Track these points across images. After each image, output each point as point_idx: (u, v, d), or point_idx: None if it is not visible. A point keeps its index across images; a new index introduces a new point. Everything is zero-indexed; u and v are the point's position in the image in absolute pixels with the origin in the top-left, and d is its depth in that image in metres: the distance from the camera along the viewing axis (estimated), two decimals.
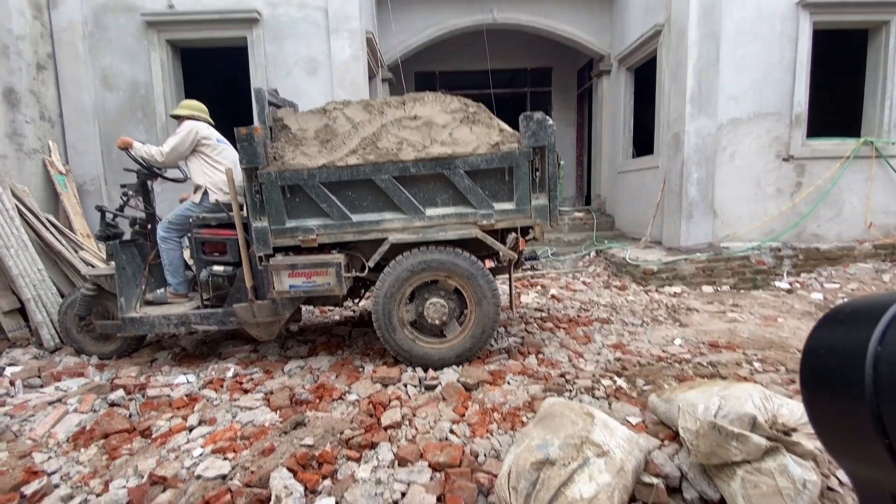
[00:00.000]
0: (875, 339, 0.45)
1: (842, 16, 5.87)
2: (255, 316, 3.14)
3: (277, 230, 2.96)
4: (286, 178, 2.88)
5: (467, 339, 3.03)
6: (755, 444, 1.52)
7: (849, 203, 6.09)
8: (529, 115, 2.89)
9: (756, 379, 2.71)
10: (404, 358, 3.05)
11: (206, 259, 3.30)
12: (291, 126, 3.05)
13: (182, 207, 3.44)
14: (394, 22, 7.57)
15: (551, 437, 1.67)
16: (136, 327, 3.30)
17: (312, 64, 6.03)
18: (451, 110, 3.04)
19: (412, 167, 2.89)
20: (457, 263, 2.95)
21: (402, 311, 3.03)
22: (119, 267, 3.30)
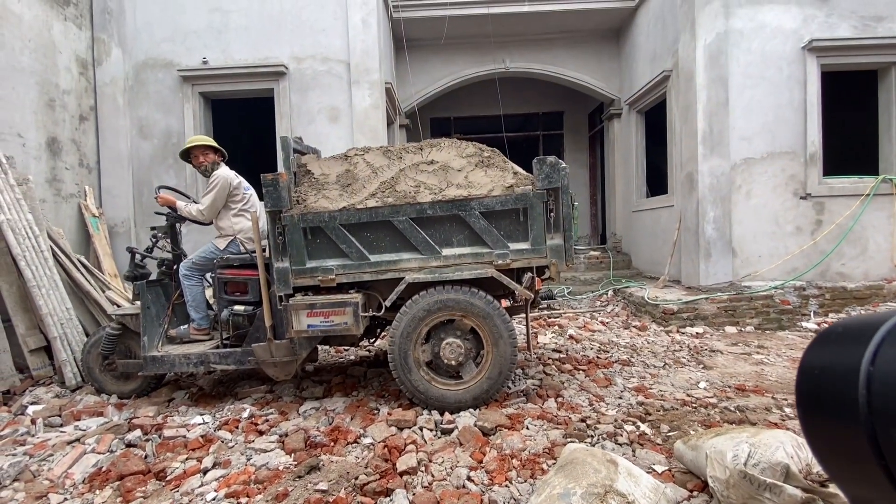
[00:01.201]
0: (867, 358, 0.44)
1: (849, 58, 5.99)
2: (272, 355, 3.18)
3: (298, 270, 3.03)
4: (308, 220, 2.98)
5: (484, 381, 2.99)
6: (790, 495, 1.45)
7: (873, 241, 5.96)
8: (543, 159, 2.98)
9: (787, 425, 2.58)
10: (420, 400, 3.02)
11: (228, 298, 3.39)
12: (314, 171, 3.21)
13: (206, 250, 3.55)
14: (411, 72, 7.99)
15: (573, 486, 1.61)
16: (157, 366, 3.35)
17: (334, 112, 6.34)
18: (467, 155, 3.17)
19: (429, 209, 2.98)
20: (473, 303, 2.96)
21: (419, 351, 3.02)
22: (144, 306, 3.40)
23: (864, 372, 0.44)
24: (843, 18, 5.90)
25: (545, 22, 8.12)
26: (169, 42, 6.36)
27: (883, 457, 0.42)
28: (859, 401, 0.44)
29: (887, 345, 0.44)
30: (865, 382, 0.44)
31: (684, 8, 6.18)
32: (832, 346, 0.53)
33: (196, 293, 3.53)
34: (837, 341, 0.52)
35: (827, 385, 0.50)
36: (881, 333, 0.45)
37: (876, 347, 0.45)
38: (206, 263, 3.51)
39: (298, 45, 6.34)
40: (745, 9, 5.93)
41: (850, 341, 0.48)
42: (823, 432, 0.51)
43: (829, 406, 0.50)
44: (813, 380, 0.53)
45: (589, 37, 8.67)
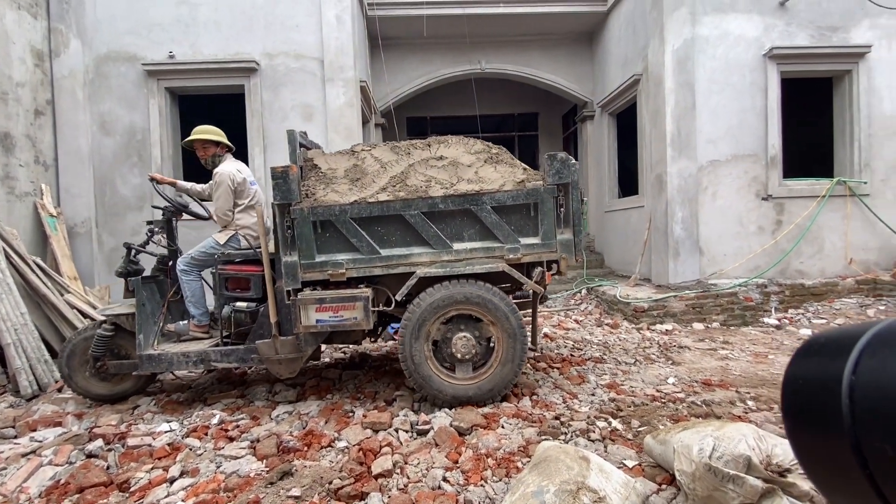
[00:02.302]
0: (849, 368, 0.45)
1: (807, 66, 6.29)
2: (277, 352, 3.12)
3: (307, 264, 3.01)
4: (318, 214, 2.97)
5: (495, 376, 3.00)
6: (751, 486, 1.51)
7: (829, 240, 6.27)
8: (553, 155, 3.05)
9: (750, 418, 2.69)
10: (429, 394, 2.99)
11: (229, 295, 3.29)
12: (321, 166, 3.19)
13: (206, 245, 3.44)
14: (387, 71, 7.92)
15: (547, 484, 1.63)
16: (153, 365, 3.23)
17: (308, 110, 6.23)
18: (475, 151, 3.20)
19: (441, 203, 3.00)
20: (486, 297, 2.97)
21: (429, 346, 3.02)
22: (140, 303, 3.27)
23: (847, 382, 0.45)
24: (802, 28, 6.18)
25: (520, 24, 8.20)
26: (132, 35, 6.12)
27: (867, 466, 0.42)
28: (843, 411, 0.44)
29: (867, 355, 0.45)
30: (848, 392, 0.44)
31: (653, 14, 6.35)
32: (815, 357, 0.54)
33: (195, 289, 3.43)
34: (819, 352, 0.53)
35: (811, 396, 0.51)
36: (861, 344, 0.46)
37: (857, 358, 0.46)
38: (206, 259, 3.42)
39: (270, 41, 6.20)
40: (710, 16, 6.15)
41: (832, 352, 0.50)
42: (809, 442, 0.52)
43: (813, 417, 0.50)
44: (797, 391, 0.54)
45: (563, 40, 8.81)
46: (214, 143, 3.52)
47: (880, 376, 0.44)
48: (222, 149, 3.57)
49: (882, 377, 0.44)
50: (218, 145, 3.54)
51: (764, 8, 6.16)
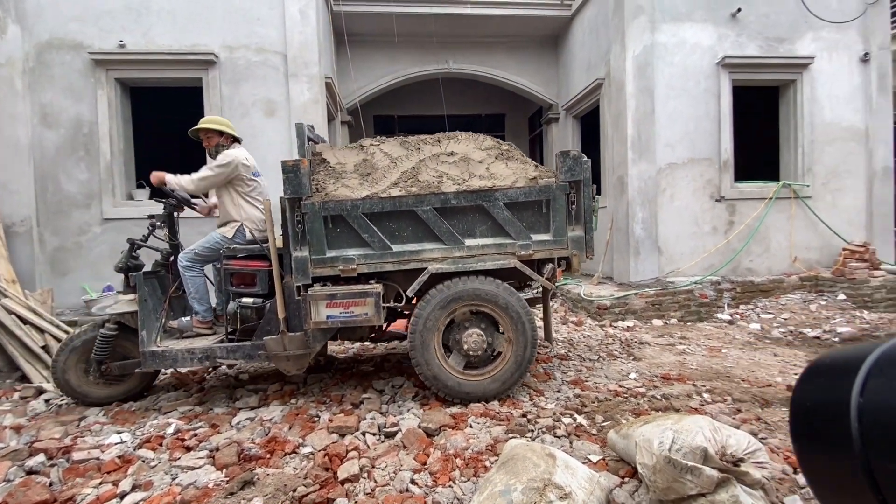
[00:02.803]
0: (856, 391, 0.45)
1: (755, 75, 6.65)
2: (286, 348, 3.08)
3: (318, 260, 2.97)
4: (329, 209, 2.93)
5: (506, 371, 3.03)
6: (708, 476, 1.57)
7: (775, 240, 6.67)
8: (566, 152, 3.07)
9: (706, 410, 2.81)
10: (440, 390, 3.01)
11: (235, 291, 3.25)
12: (330, 160, 3.15)
13: (211, 239, 3.38)
14: (353, 68, 7.80)
15: (514, 483, 1.64)
16: (157, 362, 3.16)
17: (270, 106, 6.04)
18: (485, 147, 3.21)
19: (453, 199, 2.99)
20: (498, 293, 2.98)
21: (440, 342, 3.02)
22: (142, 299, 3.19)
23: (855, 405, 0.45)
24: (751, 38, 6.54)
25: (487, 25, 8.27)
26: (78, 21, 5.74)
27: (878, 488, 0.42)
28: (852, 434, 0.44)
29: (873, 376, 0.45)
30: (857, 415, 0.44)
31: (615, 20, 6.54)
32: (820, 379, 0.54)
33: (199, 284, 3.38)
34: (825, 375, 0.53)
35: (819, 419, 0.50)
36: (867, 366, 0.47)
37: (863, 380, 0.46)
38: (211, 254, 3.37)
39: (230, 34, 5.97)
40: (668, 24, 6.40)
41: (838, 375, 0.49)
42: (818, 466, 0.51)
43: (822, 440, 0.50)
44: (805, 415, 0.53)
45: (529, 42, 8.94)
46: (218, 133, 3.48)
47: (889, 398, 0.43)
48: (227, 139, 3.52)
49: (891, 399, 0.43)
50: (222, 135, 3.49)
51: (717, 18, 6.47)
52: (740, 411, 2.78)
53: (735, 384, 3.30)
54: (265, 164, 6.06)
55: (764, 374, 3.57)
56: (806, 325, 5.19)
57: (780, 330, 5.06)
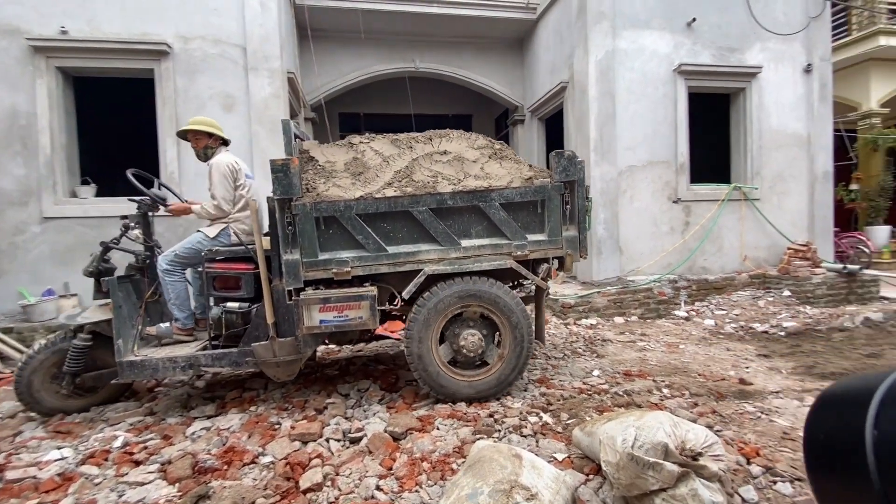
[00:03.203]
0: (870, 422, 0.45)
1: (709, 82, 6.96)
2: (275, 355, 2.99)
3: (309, 263, 2.88)
4: (322, 210, 2.84)
5: (503, 371, 3.04)
6: (669, 471, 1.61)
7: (727, 240, 7.01)
8: (560, 153, 3.07)
9: (665, 405, 2.90)
10: (436, 391, 3.00)
11: (218, 295, 3.11)
12: (318, 158, 3.06)
13: (193, 240, 3.23)
14: (317, 63, 7.61)
15: (481, 485, 1.62)
16: (135, 372, 2.98)
17: (229, 100, 5.80)
18: (478, 146, 3.18)
19: (449, 199, 2.95)
20: (495, 294, 2.98)
21: (437, 343, 3.00)
22: (116, 305, 3.01)
23: (870, 437, 0.43)
24: (705, 47, 6.84)
25: (454, 25, 8.26)
26: (15, 4, 5.32)
27: None
28: (870, 468, 0.43)
29: (887, 407, 0.44)
30: (873, 449, 0.43)
31: (578, 25, 6.69)
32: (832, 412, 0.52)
33: (180, 289, 3.23)
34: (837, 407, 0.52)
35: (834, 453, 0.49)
36: (879, 395, 0.45)
37: (877, 410, 0.44)
38: (192, 256, 3.21)
39: (185, 24, 5.68)
40: (628, 31, 6.60)
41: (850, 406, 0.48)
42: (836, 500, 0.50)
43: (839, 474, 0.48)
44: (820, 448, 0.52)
45: (495, 44, 9.01)
46: (207, 135, 3.35)
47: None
48: (215, 141, 3.40)
49: None
50: (210, 137, 3.36)
51: (674, 27, 6.73)
52: (697, 405, 2.89)
53: (692, 379, 3.43)
54: None
55: (718, 369, 3.73)
56: (755, 320, 5.48)
57: (732, 325, 5.31)
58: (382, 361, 4.05)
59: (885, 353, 4.00)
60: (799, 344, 4.50)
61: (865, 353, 4.06)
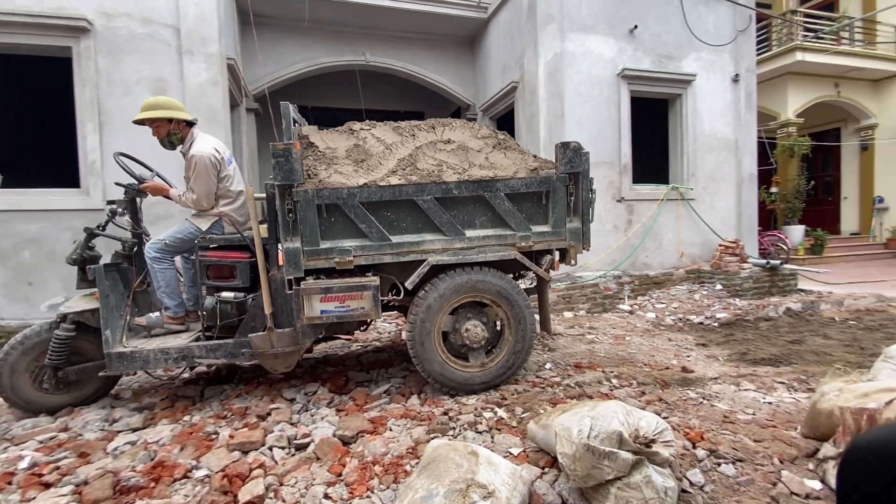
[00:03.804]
0: None
1: (649, 87, 7.32)
2: (273, 346, 2.90)
3: (311, 251, 2.80)
4: (324, 197, 2.76)
5: (506, 361, 3.06)
6: (624, 460, 1.61)
7: (666, 237, 7.40)
8: (566, 144, 3.04)
9: (615, 394, 2.97)
10: (439, 382, 2.99)
11: (212, 284, 3.00)
12: (318, 144, 2.96)
13: (184, 230, 3.10)
14: (260, 52, 7.21)
15: (436, 486, 1.55)
16: (125, 364, 2.86)
17: (160, 85, 5.34)
18: (482, 136, 3.15)
19: (455, 189, 2.90)
20: (498, 284, 2.97)
21: (439, 334, 2.97)
22: (103, 294, 2.89)
23: None
24: (646, 54, 7.18)
25: (405, 20, 8.14)
26: None
27: None
28: None
29: None
30: None
31: (528, 26, 6.80)
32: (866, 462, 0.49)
33: (170, 278, 3.11)
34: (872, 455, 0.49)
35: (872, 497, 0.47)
36: None
37: None
38: (182, 245, 3.11)
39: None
40: (576, 34, 6.79)
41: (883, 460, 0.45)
42: None
43: None
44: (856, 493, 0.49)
45: (447, 41, 8.98)
46: (167, 121, 3.03)
47: None
48: (179, 125, 3.07)
49: None
50: (171, 122, 3.04)
51: (618, 33, 7.01)
52: (644, 393, 2.98)
53: (638, 368, 3.54)
54: (154, 153, 5.36)
55: (662, 358, 3.89)
56: (692, 312, 5.81)
57: (671, 318, 5.60)
58: (332, 363, 3.88)
59: (805, 340, 4.36)
60: (732, 333, 4.81)
61: (789, 339, 4.41)
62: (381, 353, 4.17)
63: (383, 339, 4.81)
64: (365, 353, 4.14)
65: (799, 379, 3.19)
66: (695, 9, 7.36)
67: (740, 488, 1.88)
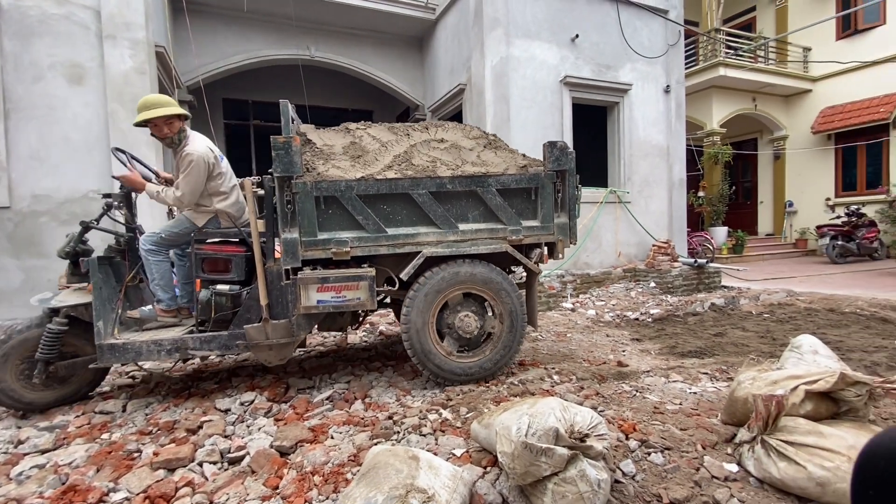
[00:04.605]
0: None
1: (589, 95, 7.65)
2: (268, 337, 2.96)
3: (308, 242, 2.87)
4: (322, 189, 2.84)
5: (497, 352, 3.19)
6: (559, 455, 1.65)
7: (605, 238, 7.77)
8: (553, 143, 3.18)
9: (556, 390, 3.06)
10: (433, 373, 3.11)
11: (207, 277, 3.07)
12: (316, 141, 3.08)
13: (180, 224, 3.13)
14: (194, 41, 6.79)
15: (374, 494, 1.51)
16: (116, 356, 2.88)
17: (77, 71, 4.88)
18: (473, 137, 3.32)
19: (448, 183, 3.01)
20: (491, 276, 3.11)
21: (434, 325, 3.08)
22: (96, 286, 2.92)
23: None
24: (587, 62, 7.50)
25: (352, 16, 7.98)
26: None
27: None
28: None
29: None
30: None
31: (475, 30, 6.88)
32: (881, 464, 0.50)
33: (164, 270, 3.14)
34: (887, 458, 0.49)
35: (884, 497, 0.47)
36: None
37: None
38: (178, 239, 3.14)
39: None
40: (520, 40, 6.96)
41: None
42: None
43: None
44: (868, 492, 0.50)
45: (396, 40, 8.91)
46: (178, 117, 3.04)
47: None
48: (183, 120, 3.10)
49: None
50: (180, 118, 3.06)
51: (560, 41, 7.27)
52: (583, 388, 3.09)
53: (578, 364, 3.68)
54: (69, 143, 4.91)
55: (600, 353, 4.07)
56: (628, 309, 6.13)
57: (610, 314, 5.88)
58: (271, 370, 3.71)
59: (727, 332, 4.73)
60: (663, 328, 5.13)
61: (713, 332, 4.77)
62: (324, 357, 4.05)
63: (327, 343, 4.68)
64: (307, 359, 4.00)
65: (720, 369, 3.45)
66: (630, 22, 7.78)
67: (667, 475, 1.99)
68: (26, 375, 2.94)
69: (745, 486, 1.89)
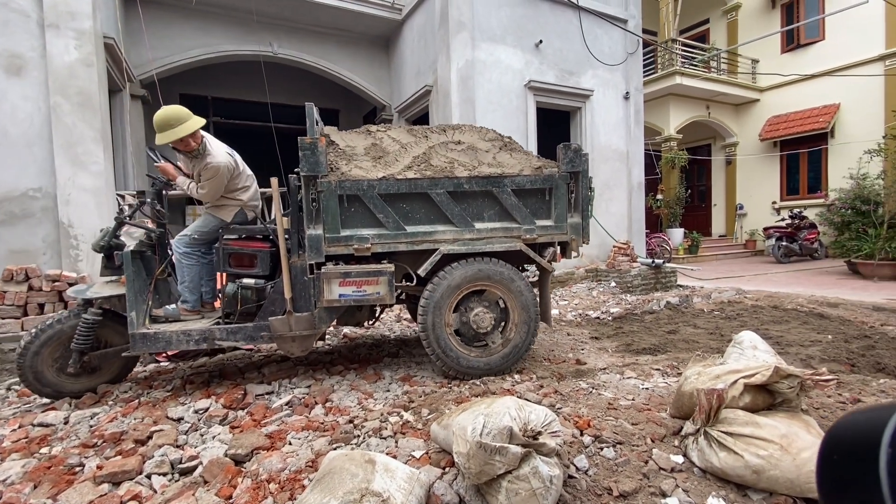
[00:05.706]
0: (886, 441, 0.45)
1: (553, 99, 7.84)
2: (292, 329, 3.10)
3: (332, 238, 3.04)
4: (346, 188, 2.99)
5: (511, 347, 3.30)
6: (513, 454, 1.69)
7: None
8: (567, 145, 3.31)
9: (516, 389, 3.12)
10: (449, 367, 3.23)
11: (234, 272, 3.22)
12: (338, 143, 3.24)
13: (207, 223, 3.27)
14: (148, 34, 6.50)
15: (329, 500, 1.50)
16: (148, 345, 3.04)
17: (15, 62, 4.58)
18: (489, 139, 3.46)
19: (465, 183, 3.15)
20: (506, 274, 3.21)
21: (450, 320, 3.19)
22: (129, 278, 3.06)
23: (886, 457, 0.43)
24: (550, 68, 7.67)
25: (316, 14, 7.86)
26: None
27: None
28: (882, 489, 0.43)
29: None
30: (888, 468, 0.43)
31: (441, 32, 6.92)
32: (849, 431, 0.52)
33: (195, 273, 3.27)
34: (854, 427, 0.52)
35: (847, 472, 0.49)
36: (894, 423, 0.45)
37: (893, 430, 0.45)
38: (207, 237, 3.29)
39: None
40: (486, 44, 7.05)
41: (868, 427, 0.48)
42: None
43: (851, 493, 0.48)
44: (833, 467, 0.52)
45: (362, 40, 8.83)
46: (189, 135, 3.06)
47: None
48: (197, 136, 3.15)
49: None
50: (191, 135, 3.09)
51: (525, 46, 7.40)
52: (542, 387, 3.16)
53: (538, 363, 3.76)
54: (7, 137, 4.61)
55: (560, 352, 4.17)
56: (590, 308, 6.31)
57: (572, 314, 6.03)
58: (228, 376, 3.60)
59: (679, 330, 4.95)
60: (621, 326, 5.31)
61: (667, 330, 4.97)
62: (284, 362, 3.96)
63: None
64: (267, 364, 3.90)
65: (671, 365, 3.61)
66: (592, 29, 8.02)
67: (618, 469, 2.07)
68: (60, 365, 3.09)
69: (689, 476, 1.99)
